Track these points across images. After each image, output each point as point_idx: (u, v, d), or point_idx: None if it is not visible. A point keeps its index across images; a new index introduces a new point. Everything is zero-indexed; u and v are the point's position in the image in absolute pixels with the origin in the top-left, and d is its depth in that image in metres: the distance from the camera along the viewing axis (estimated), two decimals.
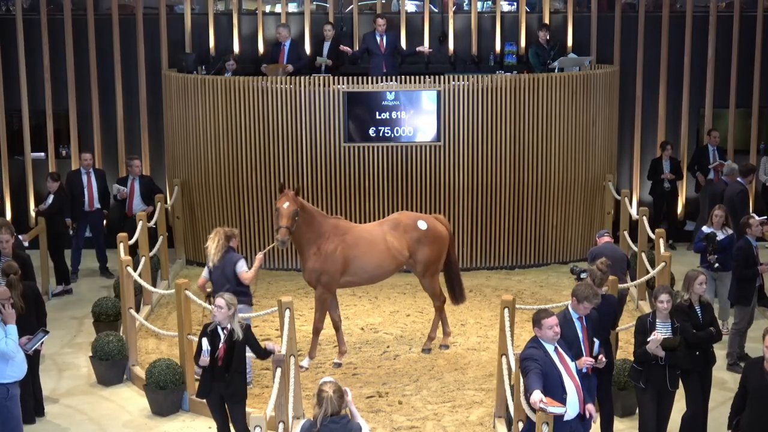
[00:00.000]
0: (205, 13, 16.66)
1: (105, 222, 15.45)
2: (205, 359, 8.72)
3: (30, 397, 10.04)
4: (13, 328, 8.66)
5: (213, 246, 10.65)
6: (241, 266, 10.61)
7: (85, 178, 14.87)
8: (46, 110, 16.57)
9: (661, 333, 8.80)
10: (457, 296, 11.97)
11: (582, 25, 16.76)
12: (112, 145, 16.76)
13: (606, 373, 9.09)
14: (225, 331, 8.77)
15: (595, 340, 8.61)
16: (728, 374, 11.20)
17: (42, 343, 9.23)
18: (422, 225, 11.46)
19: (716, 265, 11.98)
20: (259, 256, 10.77)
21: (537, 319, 7.91)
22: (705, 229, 12.18)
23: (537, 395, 7.38)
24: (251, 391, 10.01)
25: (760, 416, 7.72)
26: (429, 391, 10.58)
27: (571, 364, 7.92)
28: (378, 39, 15.35)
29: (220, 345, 8.73)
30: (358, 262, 11.21)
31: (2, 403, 8.69)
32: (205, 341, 8.74)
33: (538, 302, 13.19)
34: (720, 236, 12.06)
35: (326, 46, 15.64)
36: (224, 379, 8.74)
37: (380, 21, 15.39)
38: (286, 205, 10.76)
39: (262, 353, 8.90)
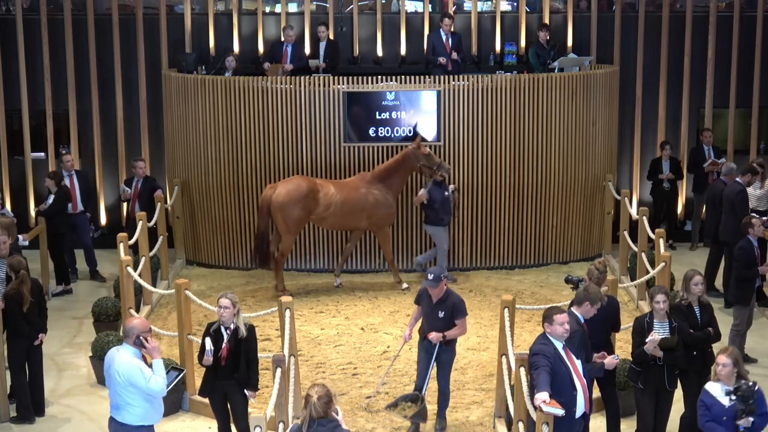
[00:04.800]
0: (205, 13, 16.68)
1: (93, 224, 15.53)
2: (208, 359, 8.73)
3: (30, 396, 10.10)
4: (159, 363, 7.75)
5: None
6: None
7: (67, 180, 14.79)
8: (46, 110, 16.58)
9: (658, 333, 8.81)
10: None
11: (582, 25, 16.77)
12: (112, 146, 16.78)
13: (609, 374, 9.11)
14: (228, 331, 8.79)
15: None
16: None
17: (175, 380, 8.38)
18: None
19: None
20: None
21: (548, 315, 7.91)
22: (721, 387, 7.73)
23: (542, 396, 7.40)
24: None
25: None
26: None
27: (578, 362, 7.94)
28: (444, 38, 15.33)
29: (224, 345, 8.75)
30: None
31: None
32: (208, 341, 8.74)
33: (538, 302, 13.19)
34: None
35: (321, 46, 15.65)
36: (228, 378, 8.76)
37: (447, 21, 15.34)
38: None
39: (249, 375, 8.84)
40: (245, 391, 8.86)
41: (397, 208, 14.24)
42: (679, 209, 16.96)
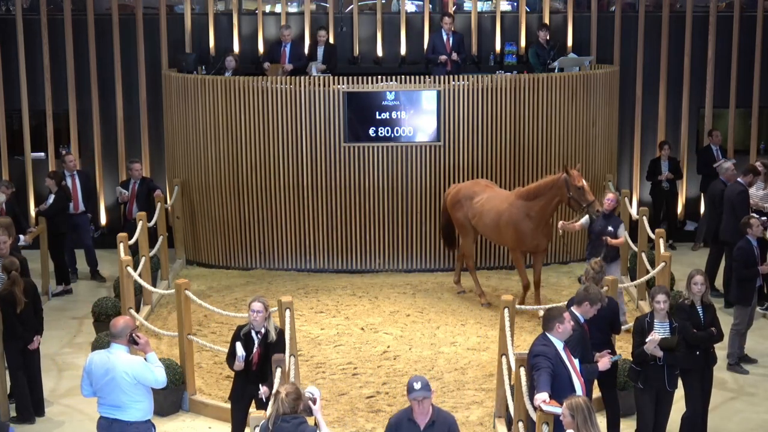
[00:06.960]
0: (205, 13, 16.68)
1: (93, 225, 15.55)
2: (239, 364, 8.59)
3: (29, 395, 10.10)
4: (154, 356, 7.95)
5: None
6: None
7: (69, 180, 14.78)
8: (46, 110, 16.58)
9: (659, 333, 8.81)
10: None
11: (582, 25, 16.77)
12: (112, 146, 16.78)
13: (609, 375, 9.10)
14: (259, 335, 8.69)
15: None
16: (728, 374, 11.21)
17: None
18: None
19: None
20: None
21: (554, 316, 7.86)
22: None
23: (542, 395, 7.41)
24: None
25: None
26: None
27: (576, 362, 7.94)
28: (444, 38, 15.30)
29: (255, 350, 8.64)
30: None
31: None
32: (239, 346, 8.61)
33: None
34: None
35: (320, 50, 15.65)
36: (259, 383, 8.58)
37: (447, 20, 15.32)
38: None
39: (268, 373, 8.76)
40: (260, 386, 8.58)
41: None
42: (679, 209, 16.96)
